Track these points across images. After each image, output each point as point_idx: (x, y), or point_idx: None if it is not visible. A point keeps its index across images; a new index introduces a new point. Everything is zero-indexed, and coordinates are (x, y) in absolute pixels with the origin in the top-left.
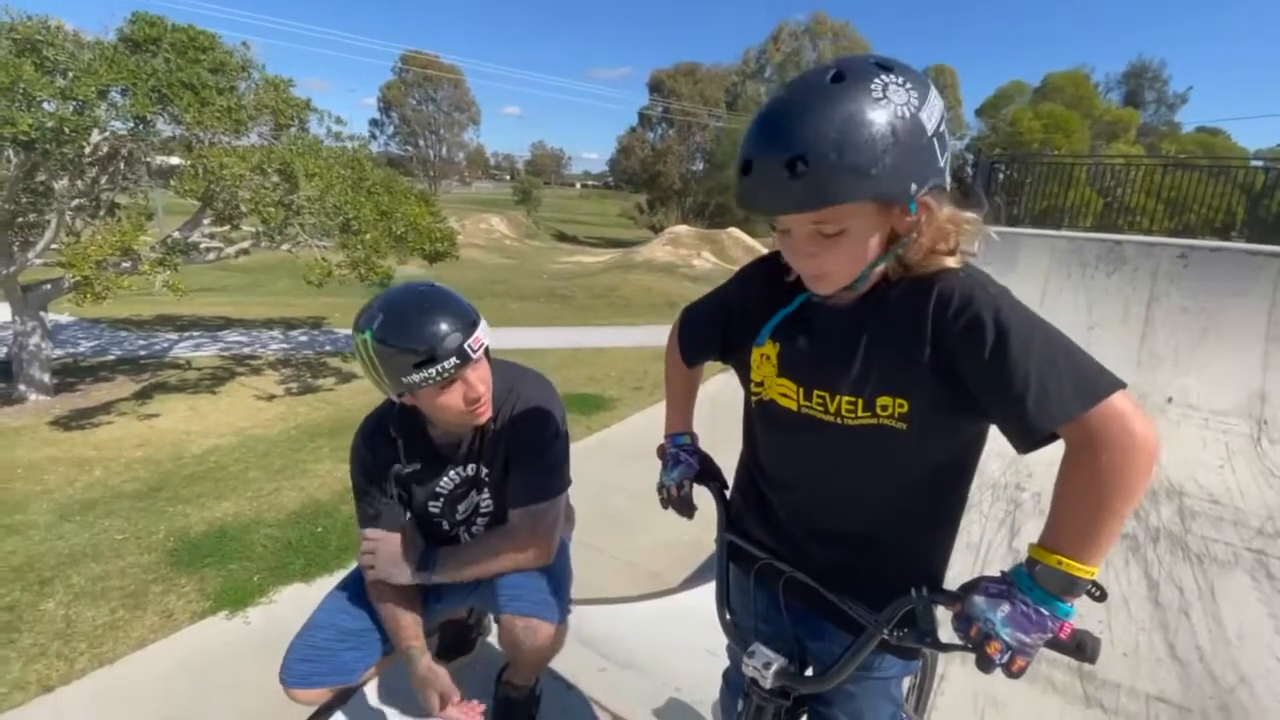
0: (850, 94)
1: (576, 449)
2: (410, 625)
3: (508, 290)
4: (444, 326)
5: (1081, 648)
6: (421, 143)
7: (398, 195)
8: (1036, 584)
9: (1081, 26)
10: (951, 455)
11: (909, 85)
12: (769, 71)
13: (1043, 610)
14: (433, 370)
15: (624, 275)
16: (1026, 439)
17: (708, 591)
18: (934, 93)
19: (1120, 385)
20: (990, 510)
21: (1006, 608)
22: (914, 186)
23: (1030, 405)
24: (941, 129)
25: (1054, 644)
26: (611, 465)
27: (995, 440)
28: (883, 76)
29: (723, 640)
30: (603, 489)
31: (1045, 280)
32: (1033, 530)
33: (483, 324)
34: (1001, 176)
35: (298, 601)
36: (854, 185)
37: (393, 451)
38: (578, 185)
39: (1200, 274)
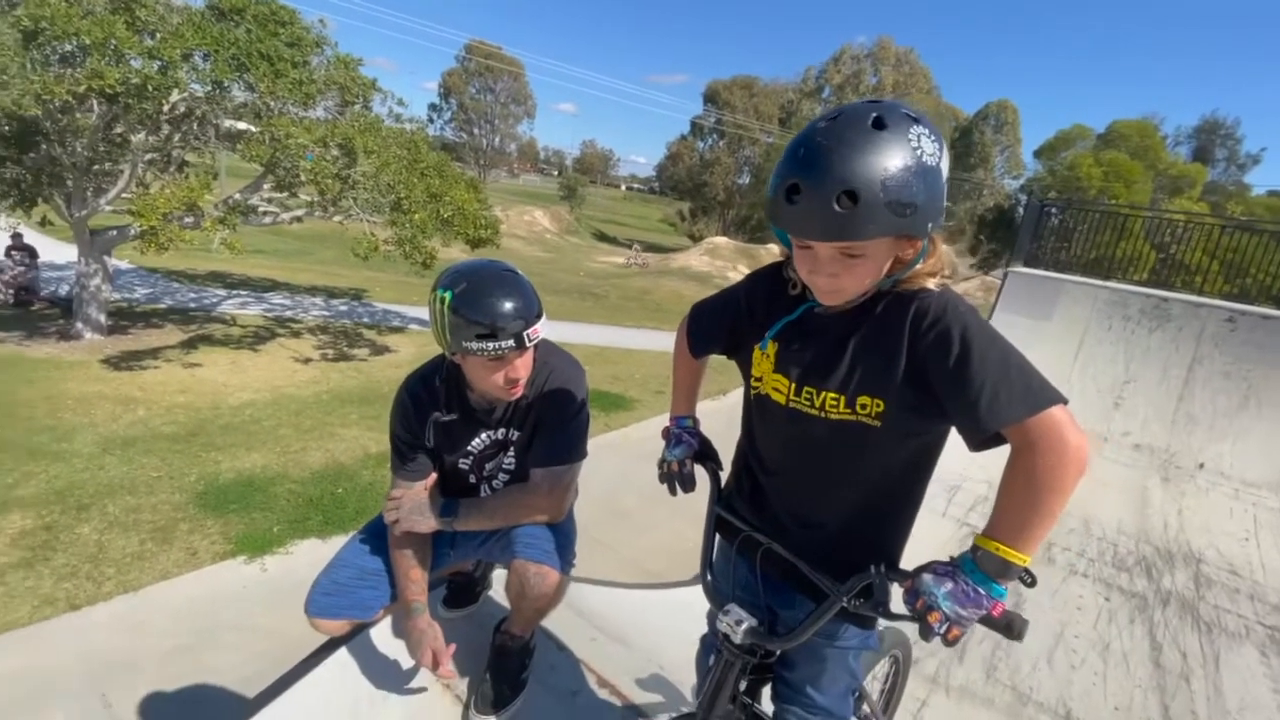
0: (895, 141)
1: (592, 444)
2: (419, 580)
3: (543, 283)
4: (512, 312)
5: (1010, 626)
6: (476, 131)
7: (449, 179)
8: (977, 567)
9: (1154, 75)
10: (915, 452)
11: (934, 137)
12: (827, 92)
13: (980, 590)
14: (489, 345)
15: (658, 280)
16: (976, 437)
17: (701, 590)
18: (944, 141)
19: (1061, 400)
20: None
21: (950, 585)
22: (931, 225)
23: (982, 408)
24: (948, 174)
25: (987, 620)
26: (625, 464)
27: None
28: (916, 128)
29: None
30: (614, 486)
31: (1084, 330)
32: (1037, 575)
33: (544, 318)
34: (1055, 221)
35: (312, 555)
36: (891, 222)
37: (435, 400)
38: (623, 187)
39: (1247, 340)
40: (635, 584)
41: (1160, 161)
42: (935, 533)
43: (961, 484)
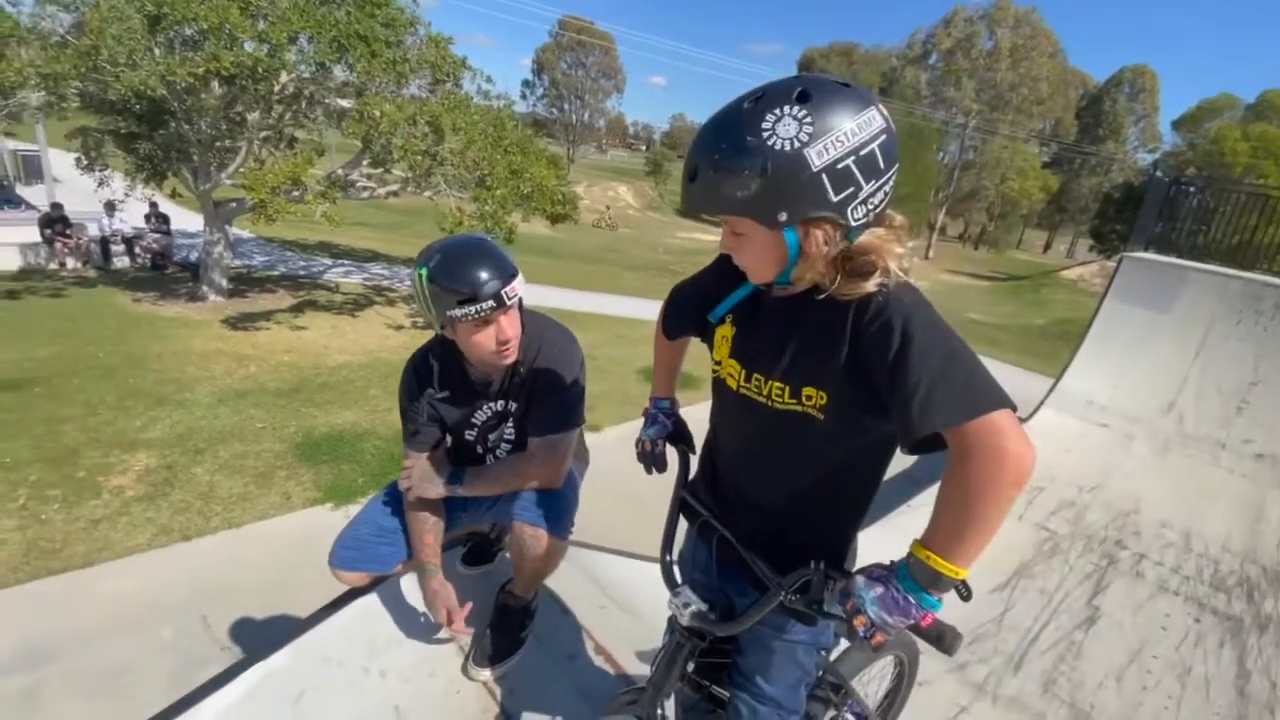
0: (744, 122)
1: None
2: (432, 544)
3: (620, 259)
4: (485, 274)
5: (941, 638)
6: (567, 106)
7: (530, 156)
8: (910, 574)
9: None
10: (862, 449)
11: (809, 120)
12: (934, 58)
13: (910, 598)
14: (471, 309)
15: None
16: (908, 438)
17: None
18: (852, 127)
19: (1006, 405)
20: (1077, 562)
21: (880, 590)
22: (783, 215)
23: (915, 407)
24: (843, 164)
25: (916, 629)
26: None
27: (1104, 490)
28: (786, 108)
29: None
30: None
31: (1208, 325)
32: (1121, 590)
33: (519, 277)
34: (1193, 202)
35: None
36: (722, 203)
37: (432, 377)
38: None
39: None
40: (655, 557)
41: None
42: (1009, 537)
43: (1046, 485)
